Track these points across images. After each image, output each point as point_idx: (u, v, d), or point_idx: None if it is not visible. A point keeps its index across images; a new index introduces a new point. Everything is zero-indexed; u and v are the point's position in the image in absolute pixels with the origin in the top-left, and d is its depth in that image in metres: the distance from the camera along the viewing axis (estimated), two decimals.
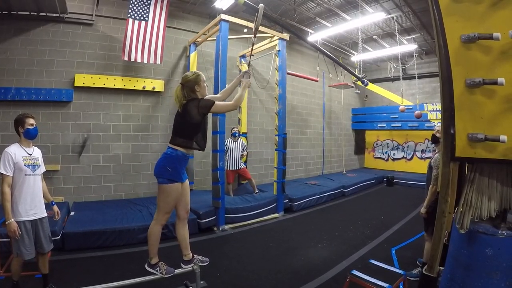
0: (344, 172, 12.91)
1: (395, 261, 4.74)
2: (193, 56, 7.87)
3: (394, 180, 11.99)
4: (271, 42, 7.67)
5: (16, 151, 3.27)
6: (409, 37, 10.99)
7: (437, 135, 4.06)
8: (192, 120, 3.12)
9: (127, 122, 7.30)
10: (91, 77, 6.78)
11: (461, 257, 2.63)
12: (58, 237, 4.70)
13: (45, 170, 3.67)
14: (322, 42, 10.36)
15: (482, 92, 2.47)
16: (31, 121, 3.39)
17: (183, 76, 3.31)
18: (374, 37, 10.66)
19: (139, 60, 6.75)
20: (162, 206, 3.16)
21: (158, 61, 6.93)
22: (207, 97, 3.30)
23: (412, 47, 10.61)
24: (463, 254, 2.62)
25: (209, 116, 7.50)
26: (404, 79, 12.08)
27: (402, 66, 13.07)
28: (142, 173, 7.49)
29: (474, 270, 2.50)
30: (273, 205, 7.21)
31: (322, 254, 5.02)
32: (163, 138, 7.69)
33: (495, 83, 2.34)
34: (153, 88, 7.49)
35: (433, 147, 4.81)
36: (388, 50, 11.10)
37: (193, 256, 3.42)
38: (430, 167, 4.03)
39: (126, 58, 6.63)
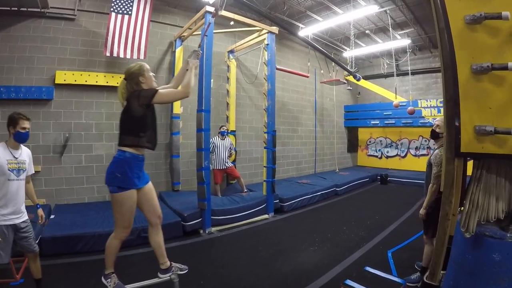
0: (337, 170, 12.70)
1: (392, 264, 4.46)
2: (178, 51, 7.55)
3: (388, 178, 11.77)
4: (259, 36, 7.37)
5: (1, 153, 3.02)
6: (402, 31, 10.76)
7: (437, 130, 3.81)
8: (134, 113, 2.82)
9: (110, 121, 6.95)
10: (73, 74, 6.45)
11: (465, 263, 2.41)
12: (36, 242, 4.37)
13: (33, 171, 3.48)
14: (313, 37, 10.08)
15: (490, 79, 2.21)
16: (25, 124, 3.14)
17: (125, 70, 3.00)
18: (367, 31, 10.42)
19: (121, 55, 6.43)
20: (118, 219, 2.86)
21: (142, 57, 6.60)
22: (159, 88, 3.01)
23: (406, 42, 10.40)
24: (467, 260, 2.40)
25: (189, 112, 7.15)
26: (397, 75, 11.86)
27: (396, 62, 12.90)
28: None
29: (480, 277, 2.28)
30: (262, 206, 6.90)
31: (313, 258, 4.73)
32: None
33: (505, 68, 2.08)
34: None
35: (427, 144, 4.56)
36: (381, 45, 10.92)
37: (170, 264, 3.12)
38: (429, 164, 3.76)
39: (108, 54, 6.32)
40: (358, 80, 8.95)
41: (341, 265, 4.41)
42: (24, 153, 3.28)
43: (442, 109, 10.63)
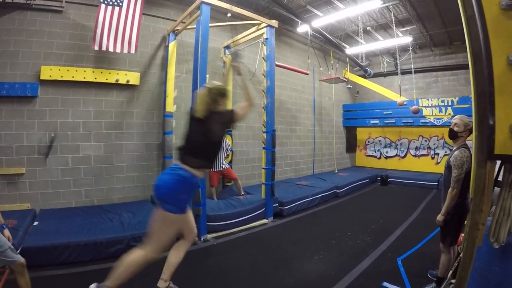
0: (336, 171, 12.42)
1: (403, 273, 4.13)
2: (172, 46, 7.16)
3: (389, 179, 11.49)
4: (258, 30, 7.00)
5: None
6: (404, 29, 10.46)
7: (455, 128, 3.48)
8: (216, 138, 2.74)
9: (99, 119, 6.57)
10: (59, 69, 6.04)
11: (491, 275, 2.34)
12: (17, 252, 3.98)
13: None
14: (312, 33, 9.74)
15: None
16: None
17: (215, 86, 2.89)
18: (368, 28, 10.09)
19: (111, 49, 6.01)
20: (160, 238, 2.58)
21: (133, 51, 6.20)
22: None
23: (408, 39, 10.10)
24: (494, 272, 2.33)
25: (183, 110, 6.74)
26: (399, 74, 11.56)
27: (395, 61, 12.73)
28: (116, 176, 6.76)
29: None
30: (261, 210, 6.52)
31: (319, 267, 4.38)
32: (138, 137, 7.00)
33: None
34: (128, 81, 6.76)
35: (428, 144, 4.22)
36: (382, 42, 10.62)
37: (169, 285, 2.78)
38: (448, 167, 3.42)
39: (96, 47, 5.89)
40: (369, 75, 8.61)
41: (350, 276, 4.06)
42: None
43: (443, 109, 10.55)
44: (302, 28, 9.18)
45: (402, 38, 10.13)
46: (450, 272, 3.47)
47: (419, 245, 5.19)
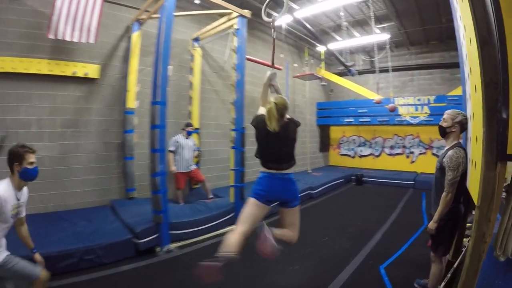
0: (310, 170, 12.14)
1: (387, 283, 3.79)
2: (135, 36, 6.55)
3: (363, 179, 11.29)
4: (229, 20, 6.51)
5: (8, 197, 2.56)
6: (381, 26, 10.21)
7: (443, 124, 3.15)
8: (295, 141, 3.23)
9: (53, 116, 5.87)
10: (11, 61, 5.33)
11: None
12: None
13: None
14: (286, 28, 9.33)
15: None
16: (32, 158, 2.76)
17: (284, 102, 3.12)
18: (345, 23, 9.75)
19: (67, 38, 5.35)
20: (298, 224, 3.32)
21: (92, 40, 5.56)
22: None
23: (385, 36, 9.90)
24: (498, 286, 2.07)
25: (146, 106, 6.08)
26: (375, 72, 11.46)
27: (371, 59, 12.69)
28: (72, 179, 6.04)
29: None
30: (230, 215, 5.98)
31: (295, 280, 3.96)
32: (97, 135, 6.32)
33: None
34: (86, 74, 6.07)
35: (403, 143, 3.87)
36: (360, 39, 10.42)
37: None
38: (441, 168, 3.05)
39: (52, 36, 5.22)
40: (353, 75, 8.27)
41: None
42: (25, 193, 2.88)
43: (419, 107, 10.45)
44: (277, 22, 8.72)
45: (380, 35, 9.93)
46: (443, 284, 3.11)
47: (401, 249, 4.88)
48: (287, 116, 3.16)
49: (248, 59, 7.31)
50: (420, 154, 12.30)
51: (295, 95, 12.40)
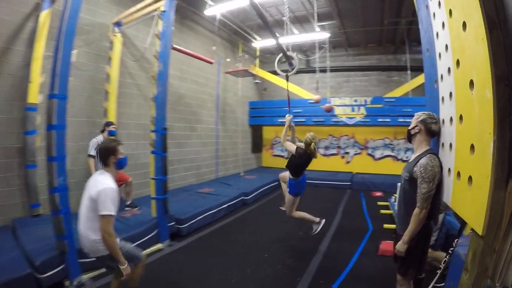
0: (242, 173, 11.53)
1: None
2: (43, 16, 5.23)
3: None
4: (156, 2, 5.53)
5: (115, 187, 2.76)
6: (320, 24, 9.79)
7: (412, 130, 2.62)
8: None
9: None
10: None
11: None
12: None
13: None
14: (221, 19, 8.49)
15: None
16: (122, 148, 2.96)
17: (312, 136, 5.28)
18: (284, 18, 9.16)
19: None
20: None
21: None
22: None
23: (326, 35, 9.59)
24: None
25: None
26: (312, 71, 11.47)
27: (307, 58, 12.54)
28: None
29: None
30: (154, 233, 5.06)
31: None
32: None
33: None
34: None
35: (338, 143, 3.35)
36: (300, 36, 10.05)
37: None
38: (411, 179, 2.47)
39: None
40: (294, 68, 7.66)
41: None
42: None
43: (356, 108, 10.36)
44: (210, 11, 7.80)
45: (320, 34, 9.59)
46: None
47: (351, 263, 4.42)
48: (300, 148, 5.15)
49: (175, 49, 6.36)
50: (356, 154, 12.47)
51: (226, 93, 11.67)
